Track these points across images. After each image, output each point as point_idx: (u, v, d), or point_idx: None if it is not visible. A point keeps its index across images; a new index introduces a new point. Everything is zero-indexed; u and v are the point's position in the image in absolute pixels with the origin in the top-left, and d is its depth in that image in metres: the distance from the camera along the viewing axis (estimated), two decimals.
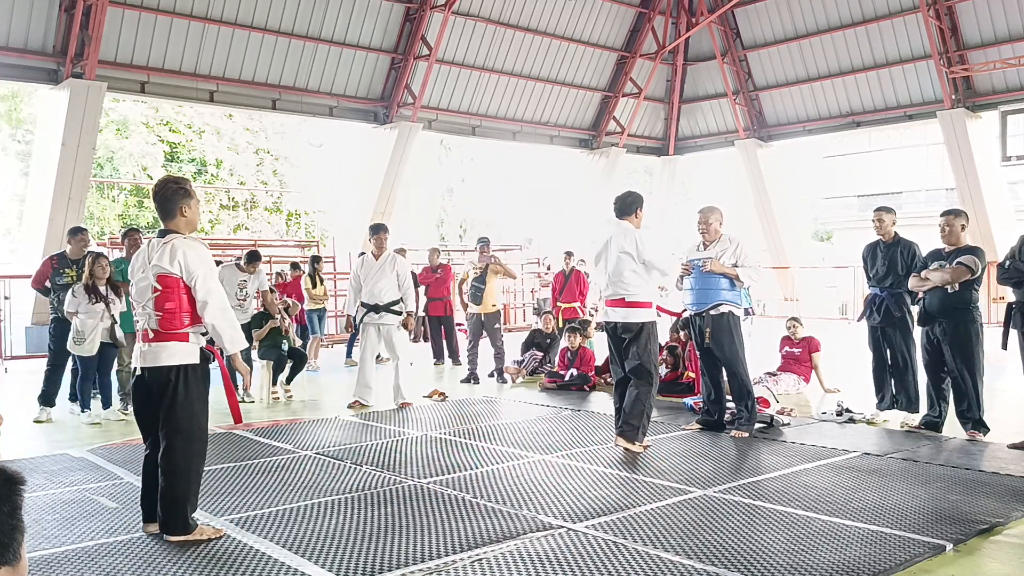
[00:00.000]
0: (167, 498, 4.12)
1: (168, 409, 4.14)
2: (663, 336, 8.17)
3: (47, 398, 7.90)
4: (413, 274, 10.16)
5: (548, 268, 19.51)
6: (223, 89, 16.53)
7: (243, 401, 8.42)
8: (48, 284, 8.12)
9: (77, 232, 8.33)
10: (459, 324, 12.69)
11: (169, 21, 15.29)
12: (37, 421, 7.72)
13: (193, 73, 15.98)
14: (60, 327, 7.88)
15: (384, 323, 8.38)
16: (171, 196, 4.25)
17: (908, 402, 6.92)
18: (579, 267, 12.97)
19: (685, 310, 7.05)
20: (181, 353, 4.16)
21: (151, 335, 4.18)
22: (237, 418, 4.58)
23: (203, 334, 4.26)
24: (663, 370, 9.04)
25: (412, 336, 13.43)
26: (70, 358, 7.89)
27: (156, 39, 15.27)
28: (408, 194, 24.38)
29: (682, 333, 9.05)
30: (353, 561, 3.83)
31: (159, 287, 4.15)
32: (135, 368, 4.28)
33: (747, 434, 6.54)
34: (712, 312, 6.58)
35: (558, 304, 11.86)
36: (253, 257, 9.57)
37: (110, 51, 14.77)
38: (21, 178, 24.49)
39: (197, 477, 4.21)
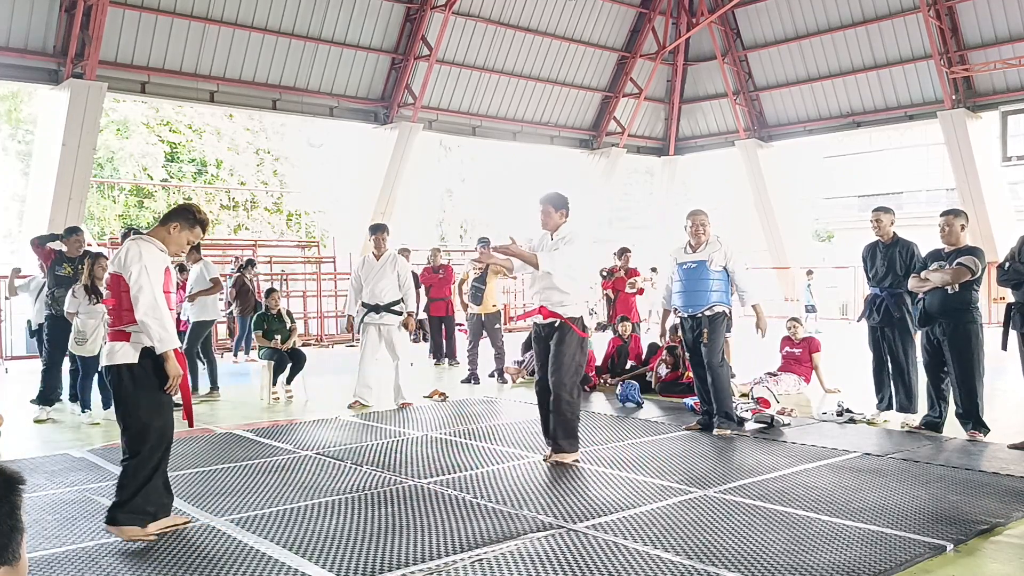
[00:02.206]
0: (122, 490, 4.14)
1: (117, 408, 4.21)
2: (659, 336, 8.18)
3: (45, 398, 7.90)
4: (414, 274, 10.16)
5: None
6: (223, 89, 16.54)
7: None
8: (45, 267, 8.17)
9: (73, 232, 8.30)
10: (459, 325, 12.70)
11: (169, 21, 15.31)
12: (38, 421, 7.73)
13: (193, 73, 16.00)
14: (55, 325, 7.87)
15: (384, 323, 8.38)
16: (177, 213, 4.35)
17: (908, 402, 6.92)
18: None
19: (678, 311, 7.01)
20: (122, 353, 4.14)
21: (107, 336, 4.27)
22: (189, 421, 4.46)
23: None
24: (663, 370, 9.04)
25: (412, 337, 13.44)
26: (66, 357, 7.88)
27: (156, 39, 15.29)
28: (408, 194, 24.41)
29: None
30: (353, 561, 3.83)
31: (107, 288, 4.21)
32: None
33: (730, 432, 6.56)
34: (707, 313, 6.58)
35: None
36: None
37: (110, 51, 14.78)
38: (21, 178, 24.50)
39: (146, 476, 4.14)
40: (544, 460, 5.75)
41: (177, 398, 4.37)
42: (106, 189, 26.37)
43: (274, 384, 9.09)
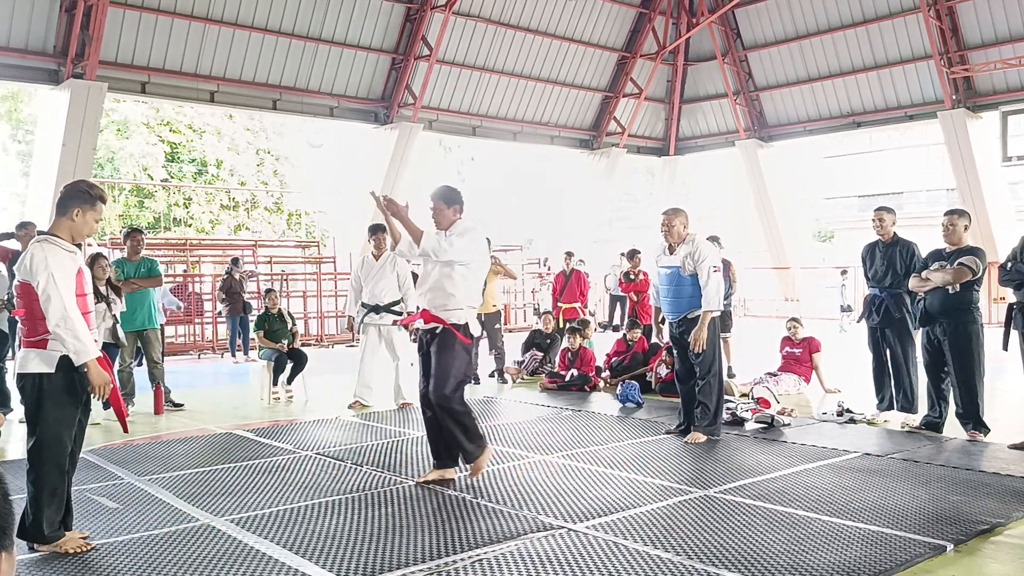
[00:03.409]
0: (30, 506, 4.01)
1: (28, 418, 4.02)
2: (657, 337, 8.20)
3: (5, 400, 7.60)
4: (413, 274, 10.15)
5: (549, 269, 19.50)
6: (224, 89, 16.54)
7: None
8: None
9: (23, 227, 7.83)
10: None
11: (170, 21, 15.31)
12: None
13: (194, 73, 15.99)
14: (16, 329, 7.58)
15: (385, 324, 8.39)
16: (72, 196, 4.08)
17: (908, 402, 6.92)
18: (579, 267, 12.98)
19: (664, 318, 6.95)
20: (36, 361, 3.96)
21: (23, 342, 4.05)
22: (124, 427, 4.35)
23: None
24: (663, 370, 9.03)
25: (412, 337, 13.41)
26: None
27: (157, 39, 15.29)
28: (409, 195, 24.40)
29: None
30: (353, 561, 3.83)
31: (18, 295, 4.01)
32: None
33: (705, 438, 6.38)
34: (689, 317, 6.50)
35: (559, 304, 11.86)
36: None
37: (111, 51, 14.78)
38: (22, 178, 24.52)
39: (51, 490, 3.98)
40: (419, 483, 5.15)
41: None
42: (106, 189, 26.34)
43: (274, 384, 9.10)
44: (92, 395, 4.05)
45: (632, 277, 12.14)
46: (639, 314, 11.14)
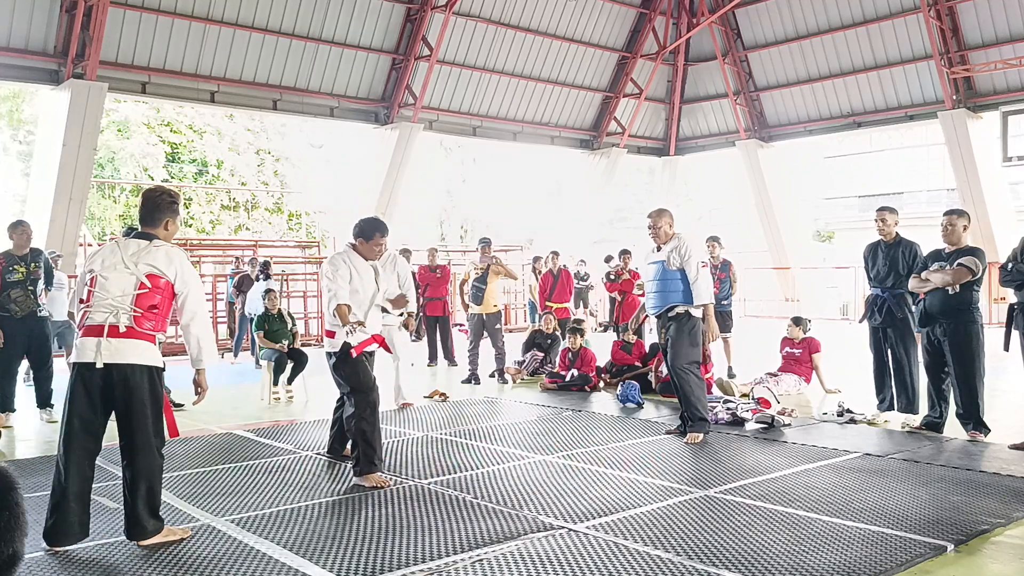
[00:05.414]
0: (143, 501, 4.05)
1: (135, 410, 4.03)
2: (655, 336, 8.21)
3: (5, 403, 7.47)
4: (413, 274, 10.15)
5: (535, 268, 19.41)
6: (224, 90, 16.54)
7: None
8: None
9: (16, 225, 7.46)
10: (460, 325, 12.67)
11: (170, 22, 15.32)
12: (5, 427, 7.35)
13: (194, 74, 16.00)
14: (10, 327, 7.32)
15: (385, 324, 8.37)
16: (163, 206, 4.21)
17: (909, 403, 6.91)
18: (566, 266, 12.99)
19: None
20: (151, 355, 4.07)
21: (122, 330, 4.00)
22: (173, 431, 4.38)
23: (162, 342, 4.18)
24: (663, 370, 9.02)
25: (413, 337, 13.41)
26: (21, 361, 7.65)
27: (157, 40, 15.30)
28: (409, 195, 24.42)
29: None
30: (353, 561, 3.84)
31: (148, 284, 4.06)
32: (93, 363, 4.03)
33: (703, 437, 6.41)
34: (669, 314, 6.51)
35: (547, 304, 11.83)
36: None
37: (111, 52, 14.79)
38: (22, 179, 24.51)
39: (160, 478, 4.13)
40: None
41: None
42: (107, 189, 26.38)
43: (275, 384, 9.10)
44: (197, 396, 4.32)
45: (615, 277, 12.11)
46: (624, 312, 11.12)
